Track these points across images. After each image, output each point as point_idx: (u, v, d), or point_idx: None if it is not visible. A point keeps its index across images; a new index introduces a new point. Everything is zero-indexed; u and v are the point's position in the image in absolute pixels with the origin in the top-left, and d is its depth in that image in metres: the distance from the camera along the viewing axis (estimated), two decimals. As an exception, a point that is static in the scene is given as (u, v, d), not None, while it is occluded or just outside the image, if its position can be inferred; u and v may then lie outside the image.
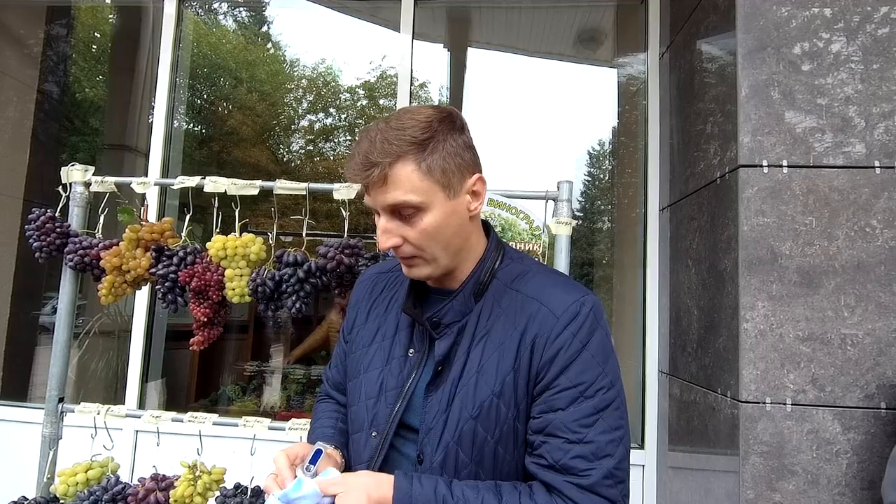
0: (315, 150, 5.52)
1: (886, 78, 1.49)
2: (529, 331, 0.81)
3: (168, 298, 1.47)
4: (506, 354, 0.81)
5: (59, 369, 1.53)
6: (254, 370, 3.37)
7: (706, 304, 1.73)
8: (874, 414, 1.40)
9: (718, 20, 1.73)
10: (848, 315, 1.43)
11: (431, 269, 0.84)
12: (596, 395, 0.78)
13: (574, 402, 0.78)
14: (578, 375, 0.79)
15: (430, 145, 0.78)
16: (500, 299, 0.85)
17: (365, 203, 0.83)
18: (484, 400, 0.80)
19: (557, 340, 0.79)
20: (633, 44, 2.66)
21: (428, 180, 0.78)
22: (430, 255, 0.82)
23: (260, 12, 4.47)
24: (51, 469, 1.49)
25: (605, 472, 0.76)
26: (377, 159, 0.76)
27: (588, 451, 0.76)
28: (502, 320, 0.83)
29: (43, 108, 3.37)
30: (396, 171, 0.76)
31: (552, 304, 0.82)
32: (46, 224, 1.50)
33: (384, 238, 0.80)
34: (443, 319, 0.85)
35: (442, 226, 0.80)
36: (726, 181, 1.60)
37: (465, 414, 0.80)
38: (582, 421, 0.77)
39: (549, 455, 0.77)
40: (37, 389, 3.03)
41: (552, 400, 0.79)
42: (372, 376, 0.90)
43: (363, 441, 0.88)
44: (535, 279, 0.86)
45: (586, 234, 3.73)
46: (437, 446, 0.81)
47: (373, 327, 0.95)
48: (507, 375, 0.80)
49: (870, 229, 1.45)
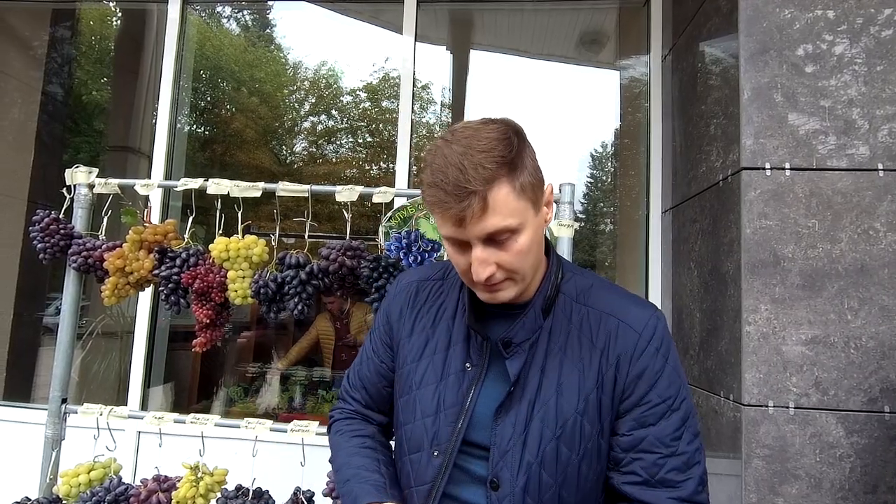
0: (318, 152, 5.54)
1: (890, 80, 1.49)
2: (611, 348, 0.81)
3: (171, 300, 1.48)
4: (587, 372, 0.81)
5: (62, 370, 1.53)
6: (256, 371, 3.37)
7: (708, 307, 1.73)
8: (878, 418, 1.39)
9: (721, 23, 1.73)
10: (851, 318, 1.43)
11: (518, 290, 0.80)
12: (681, 406, 0.80)
13: (664, 417, 0.79)
14: (666, 390, 0.80)
15: (517, 163, 0.73)
16: (570, 315, 0.84)
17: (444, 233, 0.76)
18: (567, 419, 0.79)
19: (643, 357, 0.80)
20: (635, 46, 2.66)
21: (522, 200, 0.73)
22: (521, 276, 0.78)
23: (263, 15, 4.48)
24: (53, 470, 1.49)
25: (698, 479, 0.78)
26: (475, 187, 0.69)
27: (681, 462, 0.78)
28: (577, 336, 0.83)
29: (47, 110, 3.39)
30: (493, 196, 0.70)
31: (630, 320, 0.82)
32: (51, 225, 1.51)
33: (482, 269, 0.74)
34: (514, 339, 0.82)
35: (533, 244, 0.77)
36: (729, 184, 1.60)
37: (548, 434, 0.79)
38: (673, 434, 0.79)
39: (644, 471, 0.78)
40: (40, 390, 3.04)
41: (643, 417, 0.79)
42: (427, 393, 0.86)
43: (424, 461, 0.84)
44: (602, 293, 0.86)
45: (589, 236, 3.73)
46: (517, 470, 0.79)
47: (420, 340, 0.91)
48: (591, 393, 0.80)
49: (873, 232, 1.44)
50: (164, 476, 1.46)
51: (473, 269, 0.75)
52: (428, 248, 1.53)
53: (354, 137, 5.56)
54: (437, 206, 0.73)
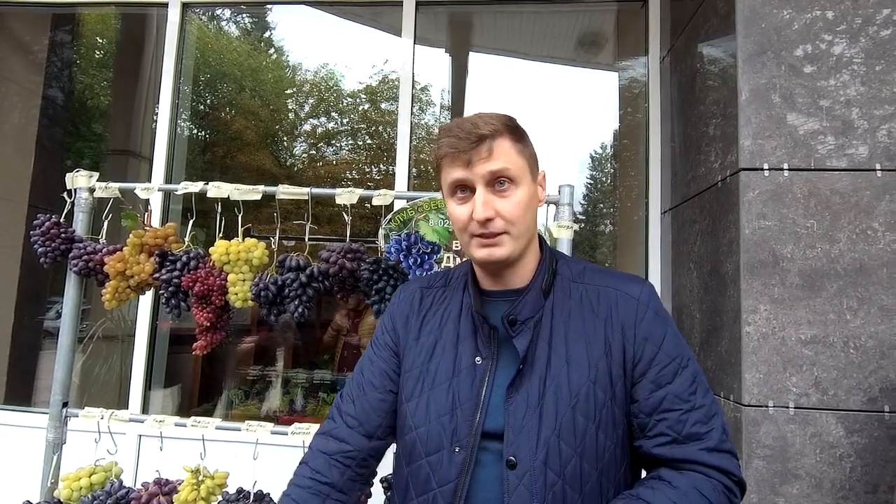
0: (318, 154, 5.54)
1: (888, 80, 1.49)
2: (614, 317, 0.86)
3: (171, 303, 1.48)
4: (593, 342, 0.85)
5: (62, 374, 1.54)
6: (257, 374, 3.37)
7: (708, 308, 1.73)
8: (878, 417, 1.40)
9: (718, 24, 1.74)
10: (850, 318, 1.43)
11: (513, 248, 0.86)
12: (689, 363, 0.85)
13: (677, 375, 0.83)
14: (673, 349, 0.85)
15: (520, 132, 0.89)
16: (570, 292, 0.90)
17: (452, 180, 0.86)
18: (580, 388, 0.82)
19: (645, 321, 0.86)
20: (634, 47, 2.67)
21: (522, 159, 0.87)
22: (517, 231, 0.85)
23: (262, 18, 4.50)
24: (55, 474, 1.50)
25: (721, 429, 0.82)
26: (485, 131, 0.83)
27: (702, 415, 0.82)
28: (579, 310, 0.88)
29: (47, 114, 3.39)
30: (500, 143, 0.85)
31: (628, 289, 0.89)
32: (51, 230, 1.51)
33: (484, 208, 0.83)
34: (519, 316, 0.86)
35: (528, 204, 0.86)
36: (727, 184, 1.60)
37: (563, 405, 0.82)
38: (689, 389, 0.83)
39: (671, 430, 0.81)
40: (41, 394, 3.05)
41: (658, 377, 0.83)
42: (440, 392, 0.87)
43: (446, 459, 0.83)
44: (595, 273, 0.93)
45: (589, 237, 3.73)
46: (536, 445, 0.80)
47: (429, 342, 0.93)
48: (600, 361, 0.84)
49: (871, 232, 1.45)
50: (165, 479, 1.46)
51: (476, 209, 0.83)
52: (428, 250, 1.54)
53: (354, 139, 5.57)
54: (451, 151, 0.85)
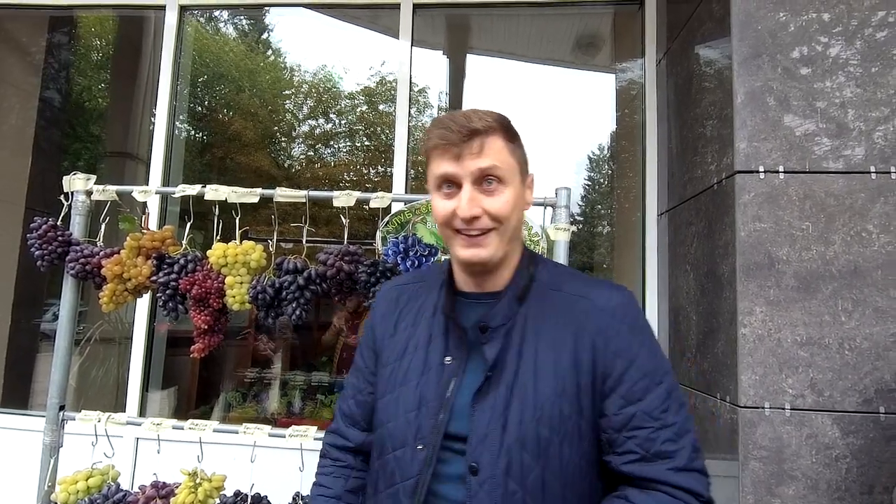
0: (315, 156, 5.55)
1: (882, 83, 1.50)
2: (586, 328, 0.84)
3: (169, 306, 1.48)
4: (561, 353, 0.83)
5: (59, 377, 1.53)
6: (254, 377, 3.37)
7: (705, 310, 1.74)
8: (873, 418, 1.40)
9: (714, 27, 1.75)
10: (845, 319, 1.44)
11: (497, 248, 0.85)
12: (664, 379, 0.82)
13: (649, 391, 0.81)
14: (646, 365, 0.82)
15: (512, 132, 0.88)
16: (544, 300, 0.88)
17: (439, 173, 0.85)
18: (545, 400, 0.81)
19: (618, 336, 0.83)
20: (631, 50, 2.68)
21: (512, 159, 0.86)
22: (504, 229, 0.85)
23: (260, 20, 4.50)
24: (51, 477, 1.49)
25: (691, 445, 0.80)
26: (477, 126, 0.82)
27: (672, 433, 0.80)
28: (552, 320, 0.85)
29: (44, 116, 3.39)
30: (492, 141, 0.84)
31: (601, 301, 0.86)
32: (48, 233, 1.51)
33: (470, 205, 0.82)
34: (491, 323, 0.86)
35: (515, 205, 0.86)
36: (723, 187, 1.61)
37: (527, 416, 0.80)
38: (661, 407, 0.80)
39: (639, 447, 0.79)
40: (38, 397, 3.04)
41: (629, 393, 0.81)
42: (409, 388, 0.88)
43: (409, 456, 0.85)
44: (573, 280, 0.91)
45: (586, 238, 3.74)
46: (498, 453, 0.80)
47: (403, 338, 0.94)
48: (567, 373, 0.82)
49: (866, 234, 1.45)
50: (163, 482, 1.46)
51: (461, 207, 0.82)
52: (425, 253, 1.54)
53: (352, 141, 5.58)
54: (441, 143, 0.83)
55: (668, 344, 2.11)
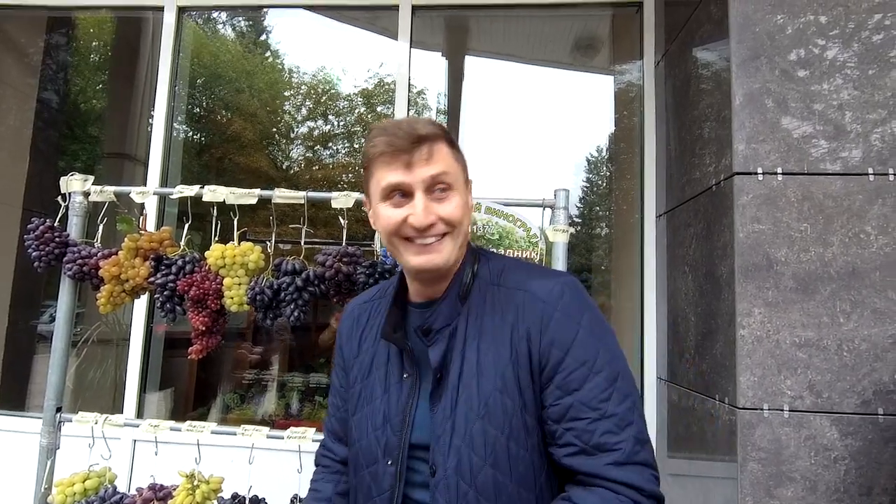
0: (314, 157, 5.54)
1: (880, 85, 1.51)
2: (521, 320, 0.82)
3: (167, 307, 1.48)
4: (500, 348, 0.82)
5: (56, 378, 1.53)
6: (252, 378, 3.36)
7: (703, 311, 1.74)
8: (871, 420, 1.40)
9: (712, 29, 1.75)
10: (844, 321, 1.44)
11: (450, 252, 0.85)
12: (604, 368, 0.79)
13: (587, 380, 0.79)
14: (583, 353, 0.80)
15: (452, 139, 0.88)
16: (486, 297, 0.87)
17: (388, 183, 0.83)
18: (488, 398, 0.80)
19: (552, 324, 0.81)
20: (629, 51, 2.68)
21: (457, 165, 0.87)
22: (456, 234, 0.85)
23: (258, 22, 4.50)
24: (48, 479, 1.49)
25: (633, 439, 0.77)
26: (426, 132, 0.82)
27: (612, 424, 0.77)
28: (491, 315, 0.85)
29: (42, 117, 3.38)
30: (438, 147, 0.84)
31: (536, 290, 0.84)
32: (45, 234, 1.51)
33: (426, 213, 0.82)
34: (433, 325, 0.86)
35: (464, 209, 0.87)
36: (722, 188, 1.61)
37: (472, 415, 0.80)
38: (599, 396, 0.78)
39: (577, 439, 0.77)
40: (34, 398, 3.02)
41: (565, 383, 0.79)
42: (375, 407, 0.91)
43: (381, 471, 0.87)
44: (515, 272, 0.89)
45: (585, 240, 3.74)
46: (447, 452, 0.81)
47: (367, 358, 0.96)
48: (506, 368, 0.81)
49: (864, 236, 1.46)
50: (160, 484, 1.45)
51: (415, 216, 0.82)
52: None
53: (351, 142, 5.57)
54: (388, 151, 0.82)
55: (667, 345, 2.11)
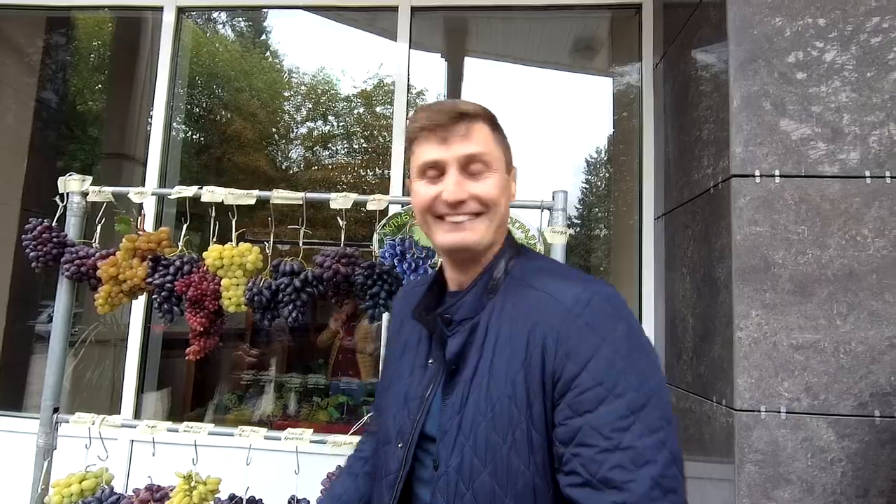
0: (313, 158, 5.55)
1: (878, 88, 1.51)
2: (539, 325, 0.74)
3: (164, 308, 1.48)
4: (516, 352, 0.75)
5: (54, 379, 1.53)
6: (250, 379, 3.36)
7: (701, 313, 1.74)
8: (868, 422, 1.41)
9: (711, 32, 1.76)
10: (840, 323, 1.44)
11: (484, 233, 0.83)
12: (626, 392, 0.68)
13: (603, 403, 0.68)
14: (603, 372, 0.69)
15: (497, 123, 0.87)
16: (513, 295, 0.80)
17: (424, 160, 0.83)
18: (496, 401, 0.74)
19: (571, 334, 0.72)
20: (628, 53, 2.69)
21: (498, 147, 0.85)
22: (492, 215, 0.83)
23: (258, 23, 4.50)
24: (45, 480, 1.48)
25: (650, 481, 0.64)
26: (467, 109, 0.82)
27: (627, 458, 0.65)
28: (512, 316, 0.78)
29: (41, 117, 3.38)
30: (478, 127, 0.83)
31: (561, 295, 0.75)
32: (43, 234, 1.51)
33: (457, 189, 0.80)
34: (454, 316, 0.83)
35: (501, 191, 0.84)
36: (720, 190, 1.62)
37: (479, 416, 0.75)
38: (615, 424, 0.67)
39: (584, 469, 0.67)
40: (32, 399, 3.02)
41: (577, 402, 0.69)
42: (398, 388, 0.90)
43: (391, 452, 0.86)
44: (548, 274, 0.82)
45: (584, 241, 3.74)
46: (452, 450, 0.77)
47: (404, 339, 0.95)
48: (518, 374, 0.74)
49: (861, 238, 1.46)
50: (157, 485, 1.45)
51: (447, 190, 0.81)
52: (422, 255, 1.54)
53: (350, 143, 5.58)
54: (429, 126, 0.82)
55: (665, 347, 2.12)
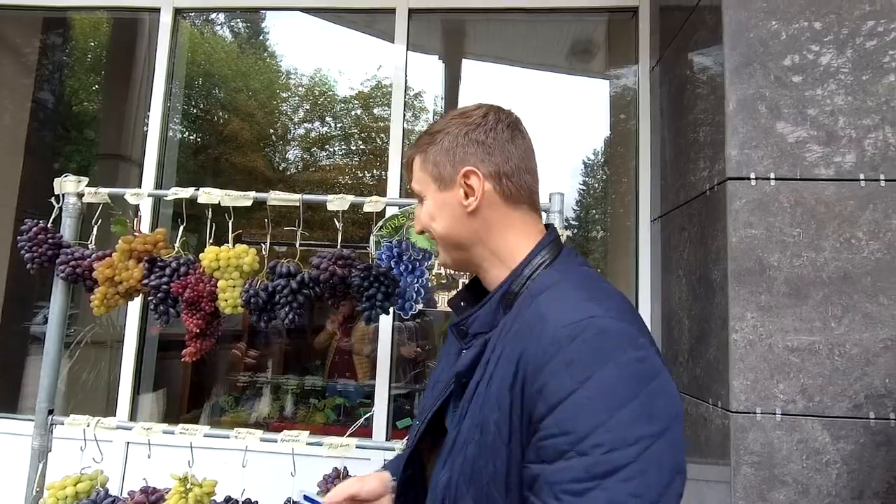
0: (311, 159, 5.54)
1: (872, 91, 1.52)
2: (526, 351, 0.66)
3: (160, 309, 1.47)
4: (507, 375, 0.68)
5: (49, 381, 1.52)
6: (247, 380, 3.35)
7: (697, 315, 1.74)
8: (863, 424, 1.41)
9: (706, 35, 1.76)
10: (835, 325, 1.45)
11: (443, 255, 0.87)
12: (591, 452, 0.57)
13: (563, 457, 0.59)
14: (570, 421, 0.59)
15: (437, 138, 0.83)
16: (523, 311, 0.72)
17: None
18: (483, 424, 0.68)
19: (546, 369, 0.62)
20: (625, 56, 2.70)
21: (423, 171, 0.84)
22: (440, 242, 0.86)
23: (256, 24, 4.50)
24: (40, 482, 1.48)
25: None
26: (406, 157, 0.90)
27: None
28: (514, 334, 0.70)
29: (37, 118, 3.37)
30: (413, 165, 0.86)
31: (552, 319, 0.65)
32: (38, 235, 1.50)
33: (415, 223, 0.89)
34: (469, 329, 0.80)
35: (435, 215, 0.83)
36: (715, 193, 1.62)
37: (470, 436, 0.70)
38: (568, 486, 0.57)
39: None
40: (27, 400, 3.00)
41: (540, 447, 0.61)
42: (428, 395, 0.91)
43: (414, 427, 0.87)
44: (560, 289, 0.71)
45: (581, 242, 3.75)
46: (444, 463, 0.74)
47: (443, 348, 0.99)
48: (505, 399, 0.67)
49: (855, 241, 1.47)
50: (153, 488, 1.45)
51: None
52: (419, 257, 1.54)
53: (347, 144, 5.58)
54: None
55: (662, 348, 2.12)
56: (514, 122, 0.84)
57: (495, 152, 0.80)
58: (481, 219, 0.80)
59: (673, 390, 0.63)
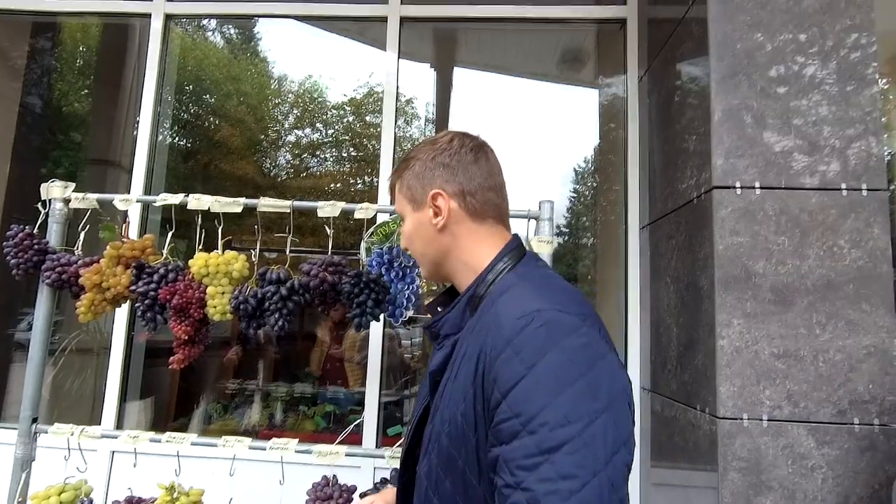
0: (302, 166, 5.53)
1: (855, 102, 1.56)
2: (485, 345, 0.73)
3: (147, 316, 1.46)
4: (469, 370, 0.75)
5: (32, 388, 1.50)
6: (236, 388, 3.31)
7: (685, 322, 1.76)
8: (847, 429, 1.43)
9: (693, 47, 1.80)
10: (819, 332, 1.47)
11: (425, 271, 0.95)
12: (539, 430, 0.63)
13: (516, 437, 0.65)
14: (521, 404, 0.65)
15: (410, 164, 0.93)
16: (485, 312, 0.79)
17: None
18: (451, 417, 0.77)
19: (499, 360, 0.69)
20: (614, 66, 2.73)
21: (400, 194, 0.94)
22: (418, 258, 0.95)
23: (247, 30, 4.50)
24: (23, 491, 1.45)
25: None
26: (389, 179, 0.97)
27: (523, 500, 0.62)
28: (476, 332, 0.78)
29: (25, 122, 3.34)
30: (395, 187, 0.96)
31: (505, 314, 0.73)
32: (24, 241, 1.48)
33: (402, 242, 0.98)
34: (440, 331, 0.87)
35: (412, 234, 0.93)
36: (702, 201, 1.65)
37: (442, 428, 0.79)
38: (521, 462, 0.63)
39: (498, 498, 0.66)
40: (10, 409, 2.95)
41: (496, 431, 0.68)
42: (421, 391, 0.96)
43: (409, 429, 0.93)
44: (516, 290, 0.78)
45: (571, 249, 3.77)
46: (424, 455, 0.83)
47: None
48: (468, 392, 0.74)
49: (838, 249, 1.50)
50: (138, 497, 1.43)
51: None
52: (409, 264, 1.54)
53: (338, 151, 5.57)
54: None
55: (650, 355, 2.14)
56: (478, 146, 0.92)
57: (459, 173, 0.88)
58: (450, 234, 0.89)
59: (616, 370, 0.70)
